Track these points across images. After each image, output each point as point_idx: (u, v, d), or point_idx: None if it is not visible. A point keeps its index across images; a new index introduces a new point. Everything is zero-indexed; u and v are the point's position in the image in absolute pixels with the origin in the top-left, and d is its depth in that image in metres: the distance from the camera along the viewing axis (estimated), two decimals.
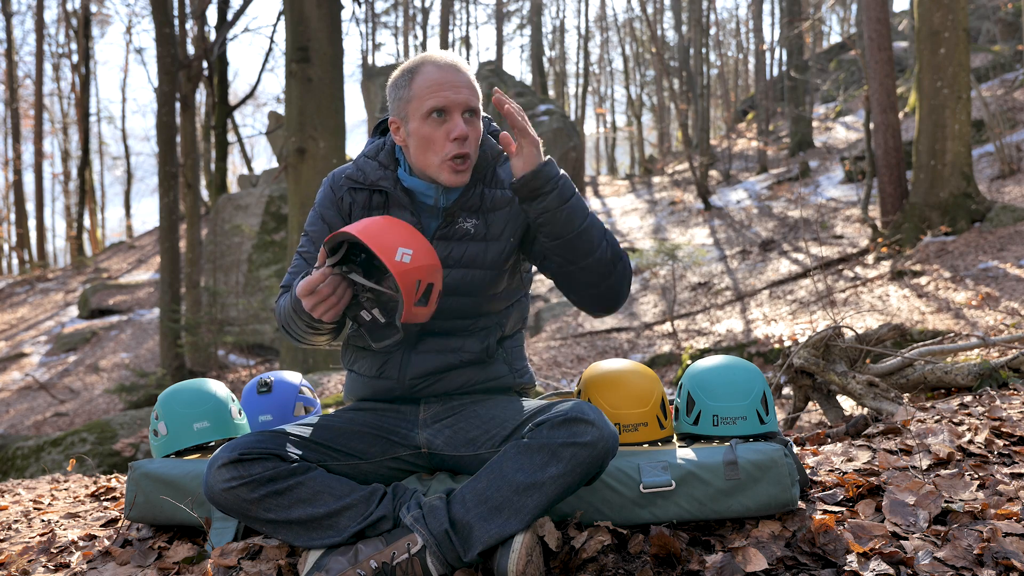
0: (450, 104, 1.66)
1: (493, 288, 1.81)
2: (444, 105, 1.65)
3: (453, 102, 1.65)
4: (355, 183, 1.81)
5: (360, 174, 1.80)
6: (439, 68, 1.67)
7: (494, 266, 1.78)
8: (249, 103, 31.98)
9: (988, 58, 18.10)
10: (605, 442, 1.54)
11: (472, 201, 1.78)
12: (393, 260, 1.51)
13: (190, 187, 13.67)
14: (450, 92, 1.65)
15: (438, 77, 1.66)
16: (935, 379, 2.90)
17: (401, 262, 1.52)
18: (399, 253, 1.52)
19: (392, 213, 1.78)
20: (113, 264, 23.03)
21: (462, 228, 1.77)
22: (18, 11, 38.33)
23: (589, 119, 42.45)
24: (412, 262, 1.53)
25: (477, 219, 1.78)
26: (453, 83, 1.66)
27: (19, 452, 6.90)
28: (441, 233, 1.77)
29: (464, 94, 1.67)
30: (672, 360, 8.97)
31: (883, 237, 10.02)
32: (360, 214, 1.80)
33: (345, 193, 1.82)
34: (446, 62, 1.69)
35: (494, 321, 1.85)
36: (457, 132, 1.65)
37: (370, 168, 1.80)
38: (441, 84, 1.66)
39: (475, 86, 1.71)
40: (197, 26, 15.13)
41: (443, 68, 1.67)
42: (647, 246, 14.18)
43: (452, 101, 1.65)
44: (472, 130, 1.69)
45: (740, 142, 24.06)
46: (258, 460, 1.58)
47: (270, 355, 13.09)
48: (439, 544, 1.54)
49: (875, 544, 1.59)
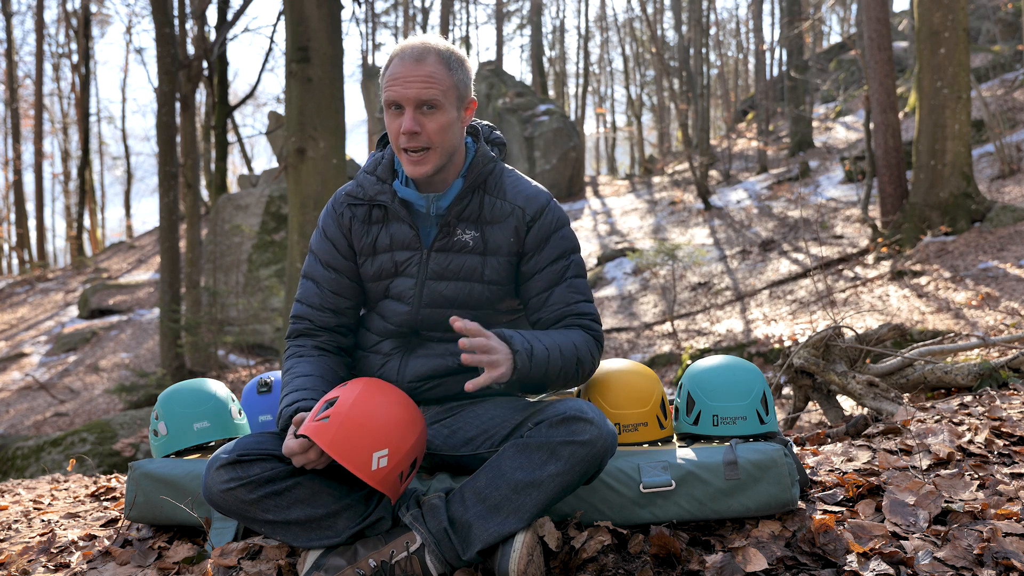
0: (400, 99, 1.64)
1: (494, 304, 1.81)
2: (395, 99, 1.65)
3: (403, 96, 1.64)
4: (354, 199, 1.81)
5: (360, 190, 1.80)
6: (401, 61, 1.66)
7: (493, 281, 1.77)
8: (249, 103, 32.03)
9: (988, 58, 18.10)
10: (604, 440, 1.54)
11: (471, 210, 1.76)
12: (369, 472, 1.46)
13: (190, 187, 13.66)
14: (400, 87, 1.64)
15: (395, 71, 1.65)
16: (935, 379, 2.90)
17: (379, 470, 1.48)
18: (374, 461, 1.47)
19: (391, 226, 1.78)
20: (113, 264, 23.03)
21: (460, 240, 1.76)
22: (18, 11, 38.36)
23: (589, 119, 42.47)
24: (390, 462, 1.49)
25: (476, 231, 1.76)
26: (406, 77, 1.63)
27: (19, 452, 6.90)
28: (439, 245, 1.76)
29: (414, 89, 1.63)
30: (672, 360, 8.97)
31: (883, 237, 10.02)
32: (360, 228, 1.80)
33: (345, 209, 1.82)
34: (409, 52, 1.66)
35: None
36: (404, 127, 1.64)
37: (369, 183, 1.79)
38: (395, 78, 1.64)
39: (437, 77, 1.65)
40: (197, 26, 15.12)
41: (404, 61, 1.65)
42: (647, 246, 14.19)
43: (402, 96, 1.64)
44: (429, 122, 1.65)
45: (740, 142, 24.05)
46: (257, 461, 1.58)
47: (270, 355, 13.09)
48: (438, 543, 1.54)
49: (875, 544, 1.59)
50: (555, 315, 1.76)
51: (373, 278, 1.81)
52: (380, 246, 1.79)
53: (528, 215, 1.76)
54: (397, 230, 1.77)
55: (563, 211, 1.82)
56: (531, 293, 1.79)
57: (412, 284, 1.77)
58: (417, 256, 1.77)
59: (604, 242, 16.36)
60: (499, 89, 23.13)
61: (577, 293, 1.77)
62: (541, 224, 1.77)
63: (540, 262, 1.77)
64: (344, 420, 1.47)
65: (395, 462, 1.50)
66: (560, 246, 1.78)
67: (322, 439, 1.45)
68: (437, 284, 1.77)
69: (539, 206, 1.78)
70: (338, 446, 1.45)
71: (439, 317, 1.78)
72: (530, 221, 1.77)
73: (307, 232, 7.23)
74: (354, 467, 1.45)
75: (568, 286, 1.77)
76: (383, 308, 1.83)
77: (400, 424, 1.53)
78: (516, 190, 1.79)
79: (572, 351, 1.68)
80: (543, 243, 1.77)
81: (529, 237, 1.77)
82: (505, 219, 1.76)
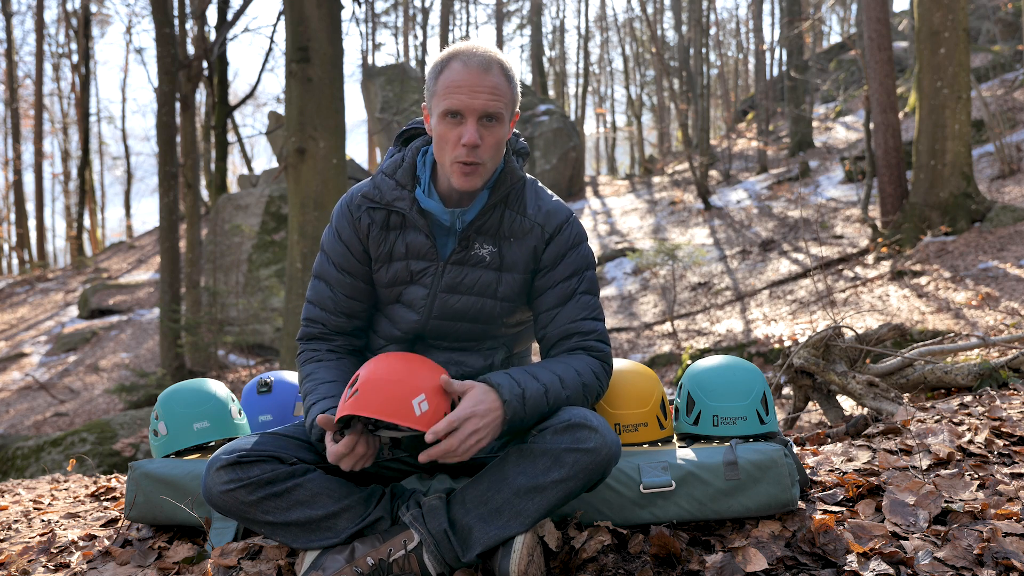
0: (465, 109, 1.58)
1: (506, 319, 1.80)
2: (459, 108, 1.58)
3: (469, 107, 1.57)
4: (372, 202, 1.74)
5: (376, 192, 1.74)
6: (465, 67, 1.58)
7: (506, 298, 1.75)
8: (249, 103, 32.06)
9: (988, 58, 18.09)
10: (608, 449, 1.53)
11: (491, 224, 1.72)
12: (416, 418, 1.48)
13: (190, 187, 13.66)
14: (467, 96, 1.57)
15: (459, 78, 1.58)
16: (935, 379, 2.90)
17: (424, 414, 1.49)
18: (416, 408, 1.49)
19: (407, 234, 1.74)
20: (113, 264, 23.03)
21: (477, 255, 1.73)
22: (18, 11, 38.36)
23: (589, 119, 42.48)
24: (431, 404, 1.50)
25: (493, 245, 1.73)
26: (473, 86, 1.57)
27: (19, 452, 6.90)
28: (456, 258, 1.73)
29: (482, 100, 1.57)
30: (672, 360, 8.97)
31: (883, 237, 10.02)
32: (378, 235, 1.75)
33: (363, 214, 1.75)
34: (475, 60, 1.59)
35: (501, 343, 1.85)
36: (466, 139, 1.57)
37: (387, 187, 1.73)
38: (460, 86, 1.57)
39: (501, 90, 1.60)
40: (197, 26, 15.11)
41: (468, 68, 1.58)
42: (647, 246, 14.19)
43: (468, 106, 1.57)
44: (489, 135, 1.61)
45: (740, 142, 24.05)
46: (256, 462, 1.58)
47: (270, 355, 13.09)
48: (437, 544, 1.54)
49: (875, 544, 1.59)
50: (560, 332, 1.74)
51: (387, 284, 1.78)
52: (396, 254, 1.75)
53: (547, 232, 1.74)
54: (414, 239, 1.73)
55: (582, 228, 1.80)
56: (541, 308, 1.76)
57: (425, 294, 1.75)
58: (433, 267, 1.74)
59: (604, 242, 16.36)
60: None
61: (585, 309, 1.74)
62: (559, 240, 1.75)
63: (554, 278, 1.75)
64: (373, 382, 1.51)
65: (435, 403, 1.51)
66: (575, 263, 1.76)
67: (363, 407, 1.48)
68: (450, 297, 1.74)
69: (558, 223, 1.75)
70: (379, 406, 1.48)
71: (447, 328, 1.77)
72: (549, 238, 1.74)
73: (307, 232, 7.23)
74: (402, 419, 1.47)
75: (577, 302, 1.74)
76: (392, 313, 1.81)
77: (423, 367, 1.56)
78: (537, 206, 1.75)
79: (575, 380, 1.64)
80: (559, 260, 1.75)
81: (547, 253, 1.75)
82: (525, 236, 1.73)
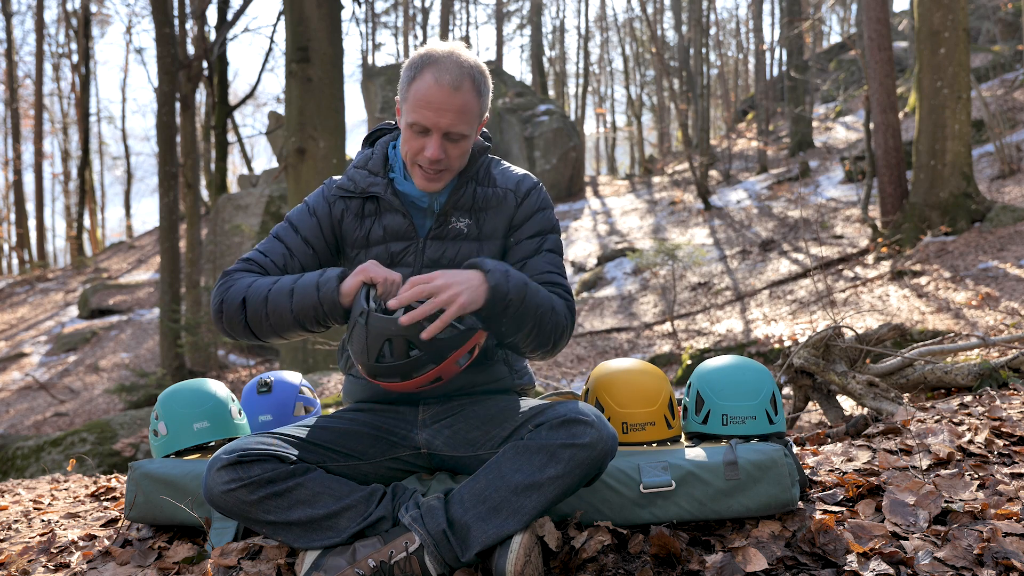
0: (431, 126, 1.65)
1: None
2: (426, 125, 1.65)
3: (435, 125, 1.64)
4: (346, 191, 1.83)
5: (350, 183, 1.83)
6: (436, 83, 1.62)
7: None
8: (249, 103, 32.03)
9: (988, 58, 18.10)
10: (604, 443, 1.54)
11: (464, 200, 1.80)
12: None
13: (190, 187, 13.66)
14: (434, 115, 1.63)
15: (430, 94, 1.63)
16: (935, 379, 2.90)
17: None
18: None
19: (384, 217, 1.81)
20: (113, 264, 23.03)
21: (455, 228, 1.80)
22: (18, 11, 38.37)
23: (589, 119, 42.47)
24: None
25: (469, 218, 1.80)
26: (441, 105, 1.62)
27: (19, 452, 6.90)
28: (435, 233, 1.79)
29: (448, 119, 1.63)
30: (672, 360, 8.97)
31: (883, 237, 10.02)
32: (352, 222, 1.82)
33: (338, 200, 1.83)
34: (447, 77, 1.63)
35: None
36: (430, 153, 1.66)
37: (360, 177, 1.82)
38: (430, 102, 1.63)
39: (469, 107, 1.66)
40: (197, 26, 15.12)
41: (440, 85, 1.62)
42: (647, 246, 14.19)
43: (435, 124, 1.64)
44: (454, 148, 1.69)
45: (740, 142, 24.05)
46: (257, 462, 1.58)
47: (270, 355, 13.09)
48: (437, 544, 1.54)
49: (875, 544, 1.59)
50: None
51: None
52: (373, 238, 1.81)
53: (519, 197, 1.84)
54: (391, 221, 1.80)
55: (549, 197, 1.90)
56: (511, 261, 1.83)
57: (409, 273, 1.78)
58: (413, 245, 1.80)
59: (604, 242, 16.37)
60: (499, 89, 23.12)
61: (551, 265, 1.81)
62: (528, 203, 1.85)
63: (521, 235, 1.83)
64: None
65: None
66: (541, 224, 1.85)
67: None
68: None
69: (528, 187, 1.86)
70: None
71: None
72: (520, 201, 1.84)
73: None
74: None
75: (543, 257, 1.82)
76: None
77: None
78: (505, 177, 1.86)
79: (548, 298, 1.68)
80: (527, 219, 1.84)
81: (518, 215, 1.84)
82: (499, 205, 1.82)
